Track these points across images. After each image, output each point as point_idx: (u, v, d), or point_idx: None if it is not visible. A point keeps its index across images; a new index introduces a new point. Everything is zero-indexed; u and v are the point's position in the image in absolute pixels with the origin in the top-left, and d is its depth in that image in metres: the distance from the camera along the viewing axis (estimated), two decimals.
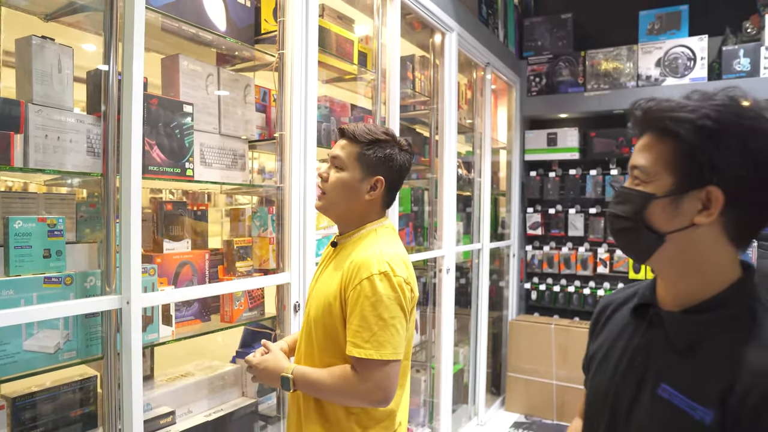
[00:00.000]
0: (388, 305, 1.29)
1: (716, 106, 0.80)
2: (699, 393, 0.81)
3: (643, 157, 0.87)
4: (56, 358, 1.41)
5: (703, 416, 0.80)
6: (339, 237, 1.49)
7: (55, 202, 1.63)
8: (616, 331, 1.00)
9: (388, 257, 1.34)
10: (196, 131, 1.76)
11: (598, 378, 1.00)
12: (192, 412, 1.77)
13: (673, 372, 0.86)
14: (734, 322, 0.83)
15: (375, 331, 1.28)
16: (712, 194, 0.81)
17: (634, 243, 0.90)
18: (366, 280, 1.29)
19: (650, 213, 0.85)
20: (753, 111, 0.81)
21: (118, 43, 1.46)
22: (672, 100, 0.85)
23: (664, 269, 0.90)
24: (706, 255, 0.85)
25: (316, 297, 1.42)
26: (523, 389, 4.12)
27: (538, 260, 4.48)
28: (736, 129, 0.79)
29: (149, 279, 1.57)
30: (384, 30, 2.53)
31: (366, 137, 1.42)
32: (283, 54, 1.98)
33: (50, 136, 1.40)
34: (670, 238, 0.85)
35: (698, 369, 0.83)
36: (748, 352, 0.79)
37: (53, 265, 1.41)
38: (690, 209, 0.83)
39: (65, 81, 1.45)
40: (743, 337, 0.81)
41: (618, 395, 0.93)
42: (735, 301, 0.84)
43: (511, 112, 4.39)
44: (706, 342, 0.83)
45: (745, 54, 3.60)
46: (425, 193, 3.25)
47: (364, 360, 1.28)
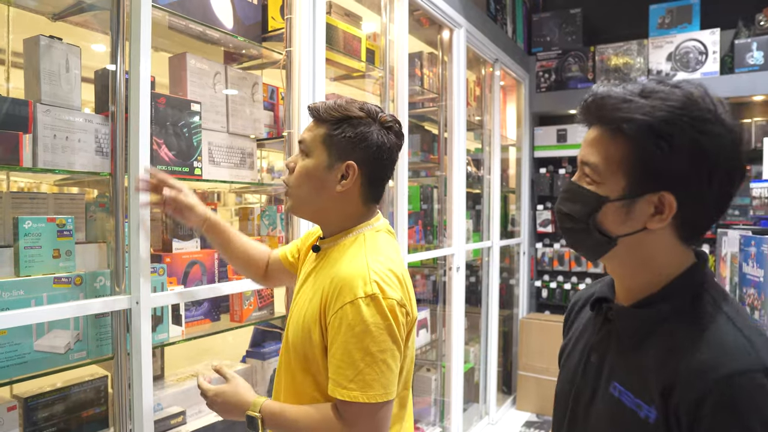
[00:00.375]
0: (376, 336, 1.06)
1: (672, 108, 0.76)
2: (644, 390, 0.79)
3: (594, 154, 0.83)
4: (67, 359, 1.41)
5: (648, 414, 0.78)
6: (322, 240, 1.25)
7: (64, 202, 1.63)
8: (580, 327, 0.99)
9: (378, 274, 1.09)
10: (204, 130, 1.75)
11: (562, 375, 0.99)
12: (202, 411, 1.77)
13: (622, 369, 0.84)
14: (678, 316, 0.80)
15: (361, 368, 1.05)
16: (665, 199, 0.79)
17: (583, 243, 0.87)
18: (349, 305, 1.06)
19: (602, 216, 0.82)
20: (710, 113, 0.77)
21: (125, 42, 1.46)
22: (623, 95, 0.79)
23: (615, 267, 0.89)
24: (656, 254, 0.83)
25: (295, 317, 1.19)
26: (534, 388, 4.09)
27: (549, 258, 4.45)
28: (691, 134, 0.75)
29: (158, 279, 1.57)
30: (392, 27, 2.52)
31: (333, 114, 1.16)
32: (291, 51, 1.97)
33: (59, 135, 1.40)
34: (620, 241, 0.83)
35: (643, 365, 0.80)
36: (688, 347, 0.76)
37: (63, 265, 1.41)
38: (642, 213, 0.80)
39: (73, 81, 1.44)
40: (685, 332, 0.78)
41: (577, 394, 0.91)
42: (680, 293, 0.82)
43: (520, 108, 4.36)
44: (652, 337, 0.81)
45: (758, 47, 3.55)
46: (434, 190, 3.23)
47: (349, 403, 1.06)
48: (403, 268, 1.20)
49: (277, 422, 1.12)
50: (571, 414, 0.92)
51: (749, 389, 0.70)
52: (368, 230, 1.21)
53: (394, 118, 1.22)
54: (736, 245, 2.08)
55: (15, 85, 1.54)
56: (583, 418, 0.89)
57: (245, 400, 1.16)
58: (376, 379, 1.06)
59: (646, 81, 0.81)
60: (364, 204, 1.22)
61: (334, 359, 1.08)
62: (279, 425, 1.13)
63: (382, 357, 1.06)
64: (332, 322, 1.08)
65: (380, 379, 1.06)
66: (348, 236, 1.20)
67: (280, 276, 1.50)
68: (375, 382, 1.05)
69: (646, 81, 0.81)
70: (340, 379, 1.06)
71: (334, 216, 1.22)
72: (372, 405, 1.06)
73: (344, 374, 1.06)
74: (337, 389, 1.06)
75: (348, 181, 1.17)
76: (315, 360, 1.13)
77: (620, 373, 0.84)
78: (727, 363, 0.72)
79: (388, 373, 1.07)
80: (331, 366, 1.09)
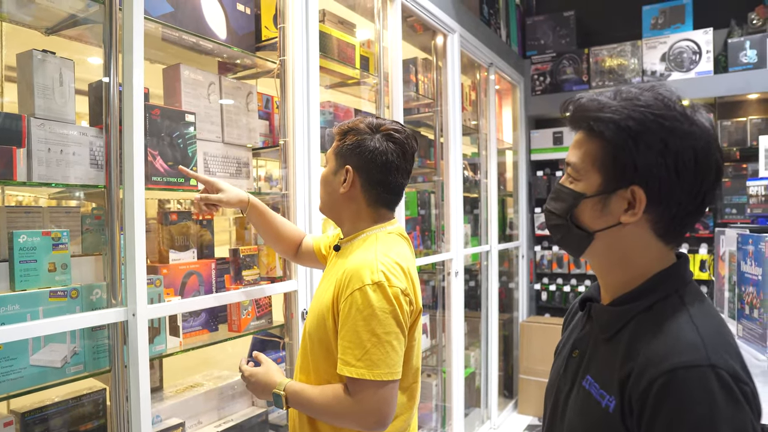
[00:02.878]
0: (382, 319, 1.17)
1: (640, 107, 0.81)
2: (608, 381, 0.83)
3: (575, 154, 0.89)
4: (63, 372, 1.40)
5: (609, 403, 0.82)
6: (342, 240, 1.41)
7: (60, 216, 1.63)
8: (572, 326, 1.04)
9: (384, 265, 1.22)
10: (199, 140, 1.75)
11: (551, 372, 1.04)
12: (202, 423, 1.76)
13: (595, 363, 0.89)
14: (647, 313, 0.84)
15: (367, 348, 1.16)
16: (636, 194, 0.83)
17: (566, 239, 0.92)
18: (357, 291, 1.18)
19: (579, 212, 0.88)
20: (676, 111, 0.81)
21: (118, 55, 1.46)
22: (598, 99, 0.86)
23: (596, 264, 0.93)
24: (632, 250, 0.87)
25: (313, 308, 1.35)
26: (535, 391, 4.08)
27: (548, 260, 4.44)
28: (657, 130, 0.80)
29: (155, 290, 1.57)
30: (385, 33, 2.53)
31: (342, 128, 1.37)
32: (285, 60, 1.97)
33: (53, 149, 1.40)
34: (598, 235, 0.87)
35: (611, 358, 0.85)
36: (646, 339, 0.80)
37: (59, 279, 1.41)
38: (617, 208, 0.85)
39: (67, 94, 1.45)
40: (648, 327, 0.82)
41: (560, 388, 0.96)
42: (651, 292, 0.85)
43: (515, 112, 4.37)
44: (623, 332, 0.85)
45: (751, 46, 3.56)
46: (432, 196, 3.23)
47: (357, 380, 1.17)
48: (411, 264, 1.33)
49: (298, 399, 1.27)
50: (553, 407, 0.97)
51: (691, 382, 0.73)
52: (381, 231, 1.35)
53: (397, 127, 1.35)
54: (734, 244, 2.08)
55: (9, 99, 1.54)
56: (562, 411, 0.94)
57: (274, 380, 1.32)
58: (381, 359, 1.17)
59: (624, 87, 0.86)
60: (370, 206, 1.36)
61: (343, 341, 1.20)
62: (299, 402, 1.27)
63: (387, 339, 1.18)
64: (342, 307, 1.21)
65: (386, 359, 1.17)
66: (361, 236, 1.35)
67: (310, 260, 1.66)
68: (381, 362, 1.17)
69: (624, 87, 0.86)
70: (349, 359, 1.18)
71: (346, 216, 1.38)
72: (378, 382, 1.17)
73: (352, 353, 1.17)
74: (346, 367, 1.18)
75: (347, 183, 1.32)
76: (330, 344, 1.26)
77: (592, 367, 0.89)
78: (676, 355, 0.75)
79: (393, 354, 1.19)
80: (341, 347, 1.20)
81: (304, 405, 1.27)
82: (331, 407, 1.21)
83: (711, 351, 0.75)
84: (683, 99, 0.84)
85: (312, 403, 1.25)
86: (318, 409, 1.24)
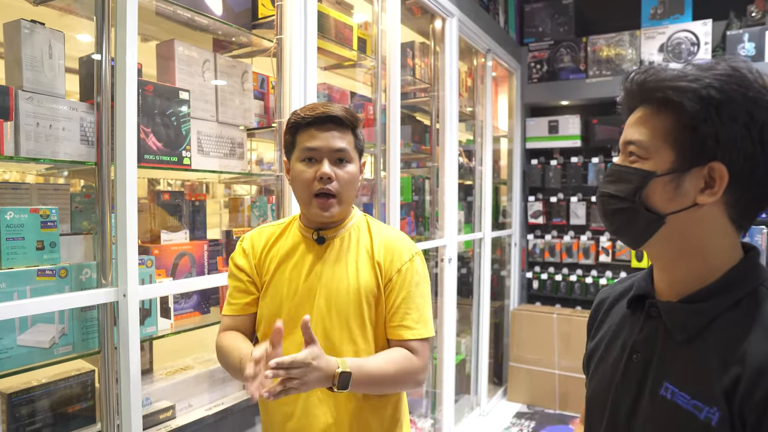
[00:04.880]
0: (426, 282, 1.34)
1: (720, 76, 0.74)
2: (703, 391, 0.74)
3: (639, 131, 0.80)
4: (51, 353, 1.37)
5: (709, 416, 0.73)
6: (326, 232, 1.33)
7: (49, 193, 1.59)
8: (613, 327, 0.93)
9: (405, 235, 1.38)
10: (192, 119, 1.71)
11: (596, 379, 0.93)
12: (192, 405, 1.74)
13: (674, 368, 0.79)
14: (736, 310, 0.76)
15: (422, 310, 1.30)
16: (715, 171, 0.75)
17: (630, 225, 0.82)
18: (409, 262, 1.30)
19: (649, 192, 0.78)
20: (758, 82, 0.75)
21: (110, 28, 1.42)
22: (670, 69, 0.78)
23: (662, 253, 0.83)
24: (707, 237, 0.79)
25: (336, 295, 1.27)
26: (525, 379, 4.10)
27: (540, 249, 4.45)
28: (741, 100, 0.73)
29: (146, 271, 1.54)
30: (383, 16, 2.48)
31: (356, 121, 1.31)
32: (282, 39, 1.93)
33: (42, 124, 1.35)
34: (669, 219, 0.78)
35: (701, 364, 0.76)
36: (753, 342, 0.72)
37: (47, 258, 1.37)
38: (692, 188, 0.77)
39: (56, 67, 1.40)
40: (747, 327, 0.74)
41: (618, 397, 0.85)
42: (737, 287, 0.77)
43: (511, 99, 4.33)
44: (708, 333, 0.77)
45: (750, 38, 3.55)
46: (426, 182, 3.21)
47: (418, 340, 1.28)
48: None
49: (364, 372, 1.17)
50: (610, 418, 0.86)
51: None
52: (361, 214, 1.39)
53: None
54: None
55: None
56: (627, 423, 0.83)
57: (330, 360, 1.13)
58: (430, 317, 1.33)
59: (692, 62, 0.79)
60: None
61: (400, 309, 1.28)
62: (366, 375, 1.18)
63: (429, 298, 1.34)
64: (396, 278, 1.29)
65: (430, 317, 1.33)
66: (353, 221, 1.36)
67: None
68: (430, 320, 1.32)
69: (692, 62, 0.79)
70: (409, 323, 1.28)
71: (348, 210, 1.35)
72: (430, 338, 1.31)
73: (411, 318, 1.28)
74: (408, 332, 1.28)
75: (363, 176, 1.36)
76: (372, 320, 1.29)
77: (672, 372, 0.79)
78: None
79: (431, 310, 1.35)
80: (397, 315, 1.28)
81: (373, 376, 1.19)
82: (402, 370, 1.25)
83: None
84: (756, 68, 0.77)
85: (381, 372, 1.21)
86: (388, 376, 1.23)
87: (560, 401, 3.96)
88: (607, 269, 4.22)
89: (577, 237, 4.31)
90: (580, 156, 4.26)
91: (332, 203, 1.27)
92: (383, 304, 1.30)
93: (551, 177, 4.35)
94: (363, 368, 1.17)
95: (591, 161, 4.21)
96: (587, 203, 4.24)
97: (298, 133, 1.28)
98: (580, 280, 4.30)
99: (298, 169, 1.28)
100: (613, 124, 4.11)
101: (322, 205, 1.26)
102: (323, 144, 1.25)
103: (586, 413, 0.95)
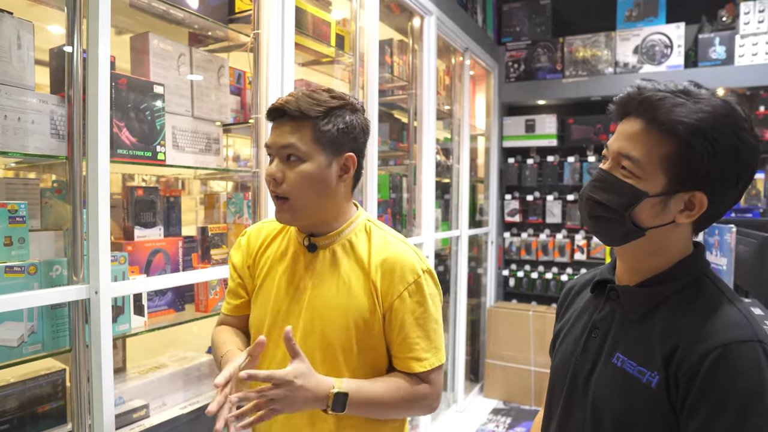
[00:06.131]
0: (437, 306, 1.19)
1: (721, 117, 0.83)
2: (646, 359, 0.87)
3: (636, 149, 0.87)
4: (20, 352, 1.34)
5: (650, 379, 0.85)
6: (317, 238, 1.20)
7: (17, 187, 1.54)
8: (578, 310, 1.05)
9: (417, 250, 1.19)
10: (167, 114, 1.68)
11: (560, 353, 1.04)
12: (166, 404, 1.72)
13: (626, 341, 0.91)
14: (681, 294, 0.89)
15: (432, 338, 1.16)
16: (696, 198, 0.86)
17: (611, 231, 0.92)
18: (414, 284, 1.14)
19: (638, 210, 0.87)
20: (746, 122, 0.85)
21: (82, 19, 1.38)
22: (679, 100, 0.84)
23: (631, 253, 0.94)
24: (673, 243, 0.91)
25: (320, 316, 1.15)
26: (501, 376, 4.14)
27: (516, 247, 4.49)
28: (733, 142, 0.83)
29: (119, 267, 1.51)
30: (362, 13, 2.47)
31: (317, 109, 1.10)
32: (259, 34, 1.91)
33: (10, 116, 1.32)
34: (648, 232, 0.89)
35: (646, 336, 0.88)
36: (689, 320, 0.85)
37: (15, 254, 1.34)
38: (674, 208, 0.87)
39: (25, 58, 1.36)
40: (686, 307, 0.87)
41: (577, 368, 0.97)
42: (683, 275, 0.90)
43: (489, 98, 4.36)
44: (656, 312, 0.89)
45: (720, 42, 3.63)
46: (403, 179, 3.21)
47: (428, 371, 1.15)
48: None
49: (363, 397, 1.08)
50: (570, 386, 0.98)
51: (743, 354, 0.79)
52: (364, 219, 1.23)
53: (357, 99, 1.20)
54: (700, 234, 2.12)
55: None
56: (583, 389, 0.95)
57: (324, 379, 1.05)
58: (440, 343, 1.18)
59: (687, 84, 0.87)
60: (349, 193, 1.21)
61: (408, 338, 1.14)
62: (365, 399, 1.09)
63: (440, 322, 1.19)
64: (397, 303, 1.14)
65: (441, 341, 1.19)
66: (352, 227, 1.20)
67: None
68: (441, 345, 1.18)
69: (687, 84, 0.87)
70: (419, 354, 1.15)
71: (333, 213, 1.18)
72: (442, 365, 1.18)
73: (421, 347, 1.15)
74: (417, 364, 1.15)
75: (349, 173, 1.16)
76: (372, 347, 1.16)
77: (623, 344, 0.91)
78: (729, 332, 0.81)
79: (442, 333, 1.21)
80: (405, 345, 1.15)
81: (371, 400, 1.10)
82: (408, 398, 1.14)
83: (757, 328, 0.82)
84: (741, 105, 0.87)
85: (382, 400, 1.11)
86: (390, 402, 1.13)
87: (536, 397, 4.00)
88: (582, 267, 4.28)
89: (553, 235, 4.37)
90: (557, 155, 4.32)
91: (285, 207, 1.13)
92: (379, 329, 1.16)
93: (528, 176, 4.40)
94: (362, 391, 1.08)
95: (567, 160, 4.26)
96: (563, 202, 4.30)
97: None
98: (556, 277, 4.35)
99: None
100: (589, 123, 4.16)
101: (277, 208, 1.14)
102: (273, 140, 1.13)
103: (550, 383, 1.07)
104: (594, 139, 4.14)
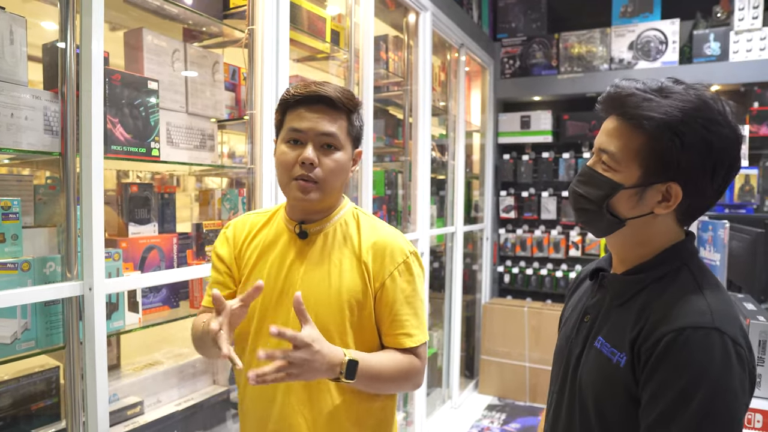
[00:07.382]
0: (422, 286, 1.26)
1: (689, 110, 0.87)
2: (619, 341, 0.92)
3: (613, 143, 0.93)
4: (13, 349, 1.33)
5: (619, 359, 0.91)
6: (309, 226, 1.23)
7: (11, 184, 1.54)
8: (579, 295, 1.12)
9: (403, 235, 1.27)
10: (162, 110, 1.67)
11: (560, 336, 1.12)
12: (161, 401, 1.72)
13: (607, 326, 0.97)
14: (660, 282, 0.93)
15: (419, 315, 1.24)
16: (672, 189, 0.90)
17: (595, 222, 0.98)
18: (403, 264, 1.21)
19: (615, 201, 0.93)
20: (720, 115, 0.88)
21: (76, 15, 1.37)
22: (648, 95, 0.89)
23: (616, 243, 1.00)
24: (656, 234, 0.95)
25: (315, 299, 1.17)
26: (496, 372, 4.15)
27: (511, 243, 4.50)
28: (704, 135, 0.86)
29: (114, 264, 1.50)
30: (357, 8, 2.46)
31: (353, 103, 1.18)
32: (253, 30, 1.90)
33: (3, 112, 1.31)
34: (629, 222, 0.94)
35: (623, 322, 0.93)
36: (657, 305, 0.90)
37: (8, 250, 1.33)
38: (651, 199, 0.91)
39: (18, 53, 1.35)
40: (659, 294, 0.91)
41: (570, 351, 1.04)
42: (665, 264, 0.94)
43: (484, 94, 4.36)
44: (636, 299, 0.94)
45: (715, 38, 3.63)
46: (399, 176, 3.21)
47: (418, 346, 1.22)
48: None
49: (368, 364, 1.12)
50: (565, 368, 1.04)
51: (695, 339, 0.82)
52: (351, 207, 1.29)
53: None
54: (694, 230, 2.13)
55: None
56: (573, 371, 1.01)
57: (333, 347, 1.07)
58: (425, 321, 1.26)
59: (665, 80, 0.91)
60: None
61: (398, 317, 1.20)
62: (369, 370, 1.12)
63: (424, 301, 1.27)
64: (388, 283, 1.20)
65: (426, 319, 1.27)
66: (338, 216, 1.25)
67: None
68: (425, 323, 1.26)
69: (665, 80, 0.91)
70: (410, 331, 1.21)
71: (334, 200, 1.25)
72: (427, 340, 1.25)
73: (411, 325, 1.21)
74: (408, 340, 1.21)
75: (355, 167, 1.26)
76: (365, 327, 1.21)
77: (604, 329, 0.97)
78: (687, 318, 0.85)
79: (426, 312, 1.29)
80: (396, 322, 1.21)
81: (374, 371, 1.14)
82: (403, 374, 1.20)
83: (716, 317, 0.84)
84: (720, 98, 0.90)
85: (384, 368, 1.16)
86: (389, 374, 1.17)
87: (530, 393, 4.02)
88: (577, 263, 4.29)
89: (548, 231, 4.37)
90: (552, 151, 4.32)
91: (313, 187, 1.15)
92: (370, 309, 1.20)
93: (523, 172, 4.40)
94: (366, 361, 1.12)
95: (562, 157, 4.27)
96: (558, 198, 4.30)
97: (287, 111, 1.18)
98: (551, 274, 4.36)
99: (280, 151, 1.17)
100: (584, 120, 4.17)
101: (303, 187, 1.15)
102: (310, 126, 1.14)
103: (553, 362, 1.14)
104: (589, 135, 4.14)
